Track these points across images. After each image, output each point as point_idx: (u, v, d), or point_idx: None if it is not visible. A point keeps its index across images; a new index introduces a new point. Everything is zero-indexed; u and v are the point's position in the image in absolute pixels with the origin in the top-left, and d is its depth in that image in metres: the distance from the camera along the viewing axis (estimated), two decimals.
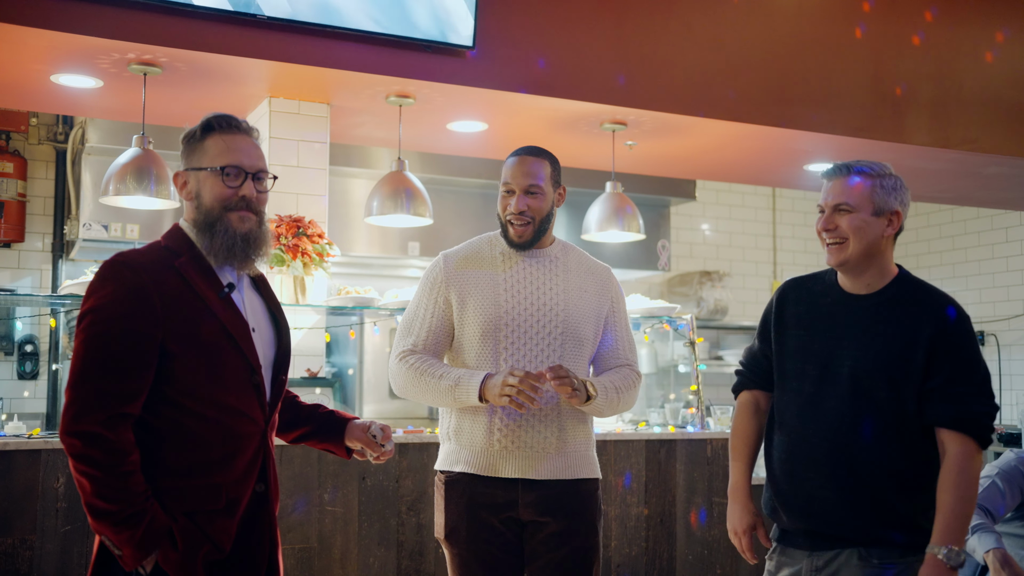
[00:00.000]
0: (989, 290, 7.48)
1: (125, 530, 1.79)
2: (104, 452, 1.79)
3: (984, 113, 5.02)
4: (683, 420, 4.62)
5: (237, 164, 1.95)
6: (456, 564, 2.50)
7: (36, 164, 5.70)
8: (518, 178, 2.50)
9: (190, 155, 1.99)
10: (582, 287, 2.56)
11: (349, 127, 4.63)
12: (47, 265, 5.68)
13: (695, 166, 5.56)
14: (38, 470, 3.23)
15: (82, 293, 3.77)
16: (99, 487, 1.79)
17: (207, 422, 1.89)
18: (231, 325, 1.92)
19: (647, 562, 4.02)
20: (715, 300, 7.11)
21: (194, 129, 2.00)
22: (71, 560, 3.24)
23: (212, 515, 1.88)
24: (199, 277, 1.92)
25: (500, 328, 2.47)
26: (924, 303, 2.17)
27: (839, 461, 2.14)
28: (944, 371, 2.10)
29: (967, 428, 2.08)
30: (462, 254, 2.57)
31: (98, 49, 3.64)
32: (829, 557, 2.16)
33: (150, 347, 1.84)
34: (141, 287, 1.85)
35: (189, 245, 1.96)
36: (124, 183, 3.87)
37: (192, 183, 1.98)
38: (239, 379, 1.92)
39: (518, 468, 2.45)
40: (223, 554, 1.88)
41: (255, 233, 1.97)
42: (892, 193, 2.18)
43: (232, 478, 1.90)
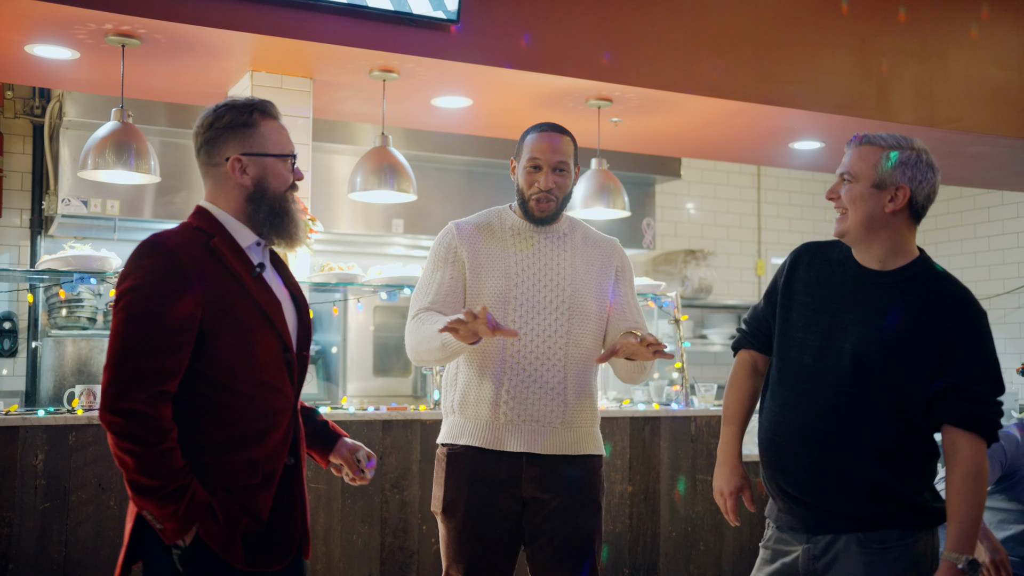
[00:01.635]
0: (971, 269, 7.53)
1: (168, 505, 1.83)
2: (146, 429, 1.82)
3: (968, 91, 5.02)
4: (667, 398, 4.62)
5: (293, 152, 2.05)
6: (450, 539, 2.47)
7: (12, 139, 5.61)
8: (547, 154, 2.47)
9: (245, 139, 1.99)
10: (588, 261, 2.55)
11: (332, 102, 4.58)
12: (25, 241, 5.61)
13: (680, 144, 5.54)
14: (16, 447, 3.19)
15: (61, 268, 3.76)
16: (142, 464, 1.82)
17: (243, 399, 1.93)
18: (265, 303, 1.96)
19: (631, 539, 4.04)
20: (700, 279, 7.11)
21: (243, 113, 2.00)
22: (50, 537, 3.21)
23: (249, 489, 1.92)
24: (233, 257, 1.96)
25: (509, 301, 2.45)
26: (945, 293, 2.08)
27: (834, 439, 2.09)
28: (963, 369, 2.03)
29: (981, 428, 2.03)
30: (473, 223, 2.55)
31: (74, 19, 3.57)
32: (827, 543, 2.11)
33: (188, 326, 1.87)
34: (179, 266, 1.88)
35: (219, 226, 1.99)
36: (103, 157, 3.81)
37: (254, 169, 2.00)
38: (273, 356, 1.96)
39: (523, 442, 2.43)
40: (260, 526, 1.93)
41: (301, 214, 2.10)
42: (901, 167, 2.08)
43: (266, 453, 1.95)
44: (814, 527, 2.13)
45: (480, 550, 2.44)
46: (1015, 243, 7.29)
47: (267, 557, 1.94)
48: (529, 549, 2.49)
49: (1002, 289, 7.31)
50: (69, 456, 3.26)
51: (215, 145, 1.99)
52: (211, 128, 2.00)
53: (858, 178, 2.11)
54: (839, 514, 2.10)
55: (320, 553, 3.54)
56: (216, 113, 2.01)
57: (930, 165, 2.12)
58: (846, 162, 2.14)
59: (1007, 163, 5.71)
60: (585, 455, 2.50)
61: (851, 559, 2.08)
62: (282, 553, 1.97)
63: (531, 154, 2.49)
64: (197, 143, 2.02)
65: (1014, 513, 2.98)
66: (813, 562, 2.13)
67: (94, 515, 3.28)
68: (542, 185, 2.47)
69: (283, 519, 1.98)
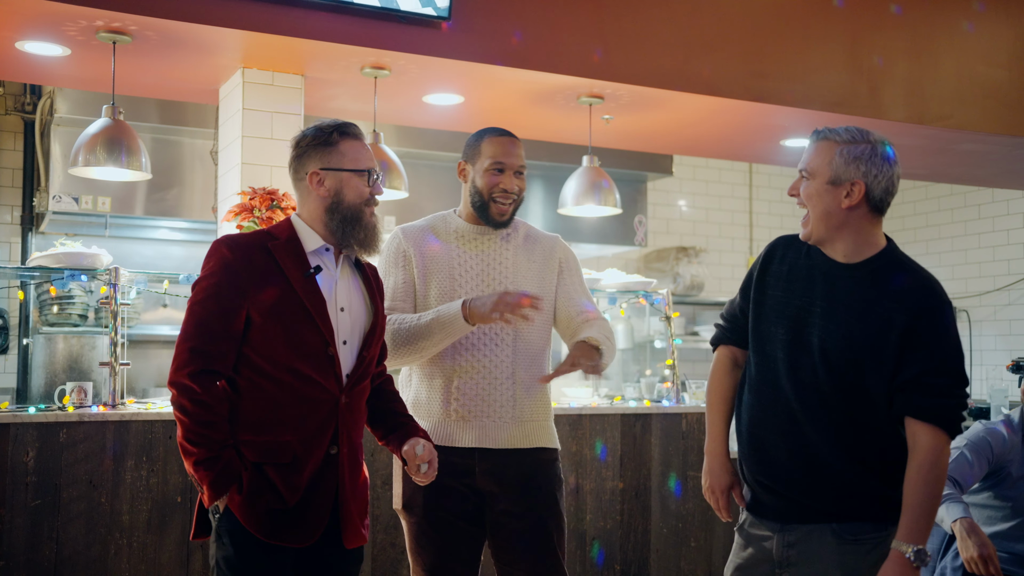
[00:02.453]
0: (962, 266, 7.56)
1: (203, 471, 2.07)
2: (191, 402, 2.07)
3: (959, 89, 5.04)
4: (659, 394, 4.64)
5: (373, 168, 2.25)
6: (413, 534, 2.51)
7: (3, 135, 5.59)
8: (511, 157, 2.55)
9: (324, 156, 2.22)
10: (530, 257, 2.61)
11: (324, 99, 4.57)
12: (16, 238, 5.60)
13: (672, 141, 5.55)
14: (7, 444, 3.19)
15: (52, 265, 3.76)
16: (186, 431, 2.08)
17: (282, 385, 2.12)
18: (309, 301, 2.14)
19: (622, 535, 4.05)
20: (691, 276, 7.13)
21: (325, 133, 2.23)
22: (41, 534, 3.21)
23: (280, 468, 2.11)
24: (288, 258, 2.17)
25: (454, 300, 2.49)
26: (906, 285, 2.08)
27: (806, 430, 2.10)
28: (920, 361, 2.03)
29: (940, 420, 2.03)
30: (417, 226, 2.64)
31: (65, 15, 3.56)
32: (802, 533, 2.12)
33: (236, 315, 2.11)
34: (232, 263, 2.13)
35: (290, 231, 2.22)
36: (94, 154, 3.81)
37: (331, 182, 2.21)
38: (314, 350, 2.14)
39: (474, 437, 2.48)
40: (286, 505, 2.10)
41: (380, 225, 2.28)
42: (855, 162, 2.06)
43: (301, 437, 2.12)
44: (788, 517, 2.14)
45: (441, 543, 2.47)
46: (1005, 240, 7.32)
47: (290, 534, 2.11)
48: (492, 544, 2.52)
49: (992, 286, 7.35)
50: (60, 453, 3.26)
51: (301, 161, 2.24)
52: (298, 147, 2.25)
53: (814, 175, 2.10)
54: (813, 507, 2.11)
55: None
56: (303, 134, 2.26)
57: (885, 159, 2.08)
58: (804, 158, 2.14)
59: (997, 160, 5.73)
60: (537, 448, 2.53)
61: (825, 549, 2.09)
62: (306, 533, 2.12)
63: (493, 156, 2.54)
64: (289, 162, 2.27)
65: (1001, 510, 3.00)
66: (787, 549, 2.14)
67: (85, 512, 3.27)
68: (507, 185, 2.53)
69: (313, 501, 2.13)
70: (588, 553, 3.98)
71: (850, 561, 2.09)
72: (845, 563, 2.09)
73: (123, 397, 3.56)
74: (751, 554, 2.21)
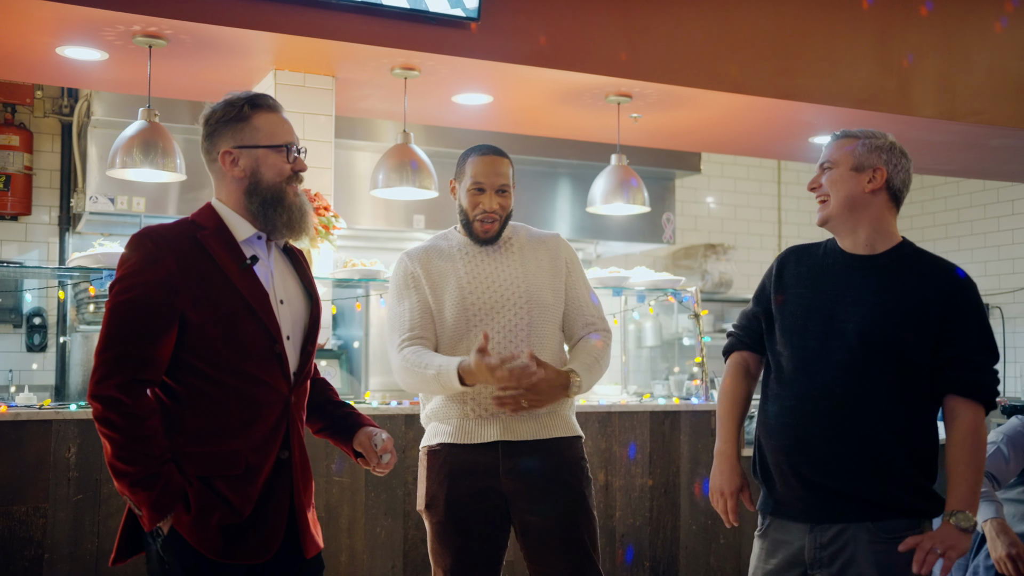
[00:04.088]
0: (994, 263, 7.48)
1: (141, 491, 1.87)
2: (121, 416, 1.85)
3: (991, 84, 5.00)
4: (687, 392, 4.65)
5: (292, 142, 2.04)
6: (435, 533, 2.51)
7: (42, 137, 5.70)
8: (490, 177, 2.54)
9: (236, 132, 2.01)
10: (536, 259, 2.61)
11: (354, 100, 4.62)
12: (54, 238, 5.71)
13: (700, 139, 5.54)
14: (49, 440, 3.27)
15: (90, 265, 3.84)
16: (117, 449, 1.86)
17: (226, 389, 1.93)
18: (250, 295, 1.95)
19: (651, 532, 4.07)
20: (720, 273, 7.12)
21: (235, 107, 2.02)
22: (83, 528, 3.29)
23: (231, 480, 1.92)
24: (221, 249, 1.97)
25: (467, 308, 2.51)
26: (933, 268, 2.18)
27: (847, 415, 2.12)
28: (960, 339, 2.11)
29: (981, 396, 2.11)
30: (422, 248, 2.63)
31: (103, 21, 3.64)
32: (835, 532, 2.12)
33: (167, 315, 1.90)
34: (160, 257, 1.91)
35: (217, 220, 2.02)
36: (131, 156, 3.88)
37: (246, 160, 2.01)
38: (259, 348, 1.96)
39: (495, 432, 2.48)
40: (241, 518, 1.92)
41: (307, 206, 2.07)
42: (876, 151, 2.20)
43: (252, 444, 1.94)
44: (820, 515, 2.15)
45: (463, 543, 2.47)
46: None
47: (246, 550, 1.93)
48: (523, 546, 2.52)
49: None
50: (100, 449, 3.33)
51: (212, 141, 2.03)
52: (207, 124, 2.04)
53: (837, 164, 2.22)
54: (851, 496, 2.12)
55: (344, 545, 3.60)
56: (212, 109, 2.04)
57: (903, 153, 2.23)
58: (825, 154, 2.26)
59: None
60: (557, 438, 2.52)
61: (859, 547, 2.10)
62: (263, 547, 1.95)
63: (473, 176, 2.55)
64: (201, 141, 2.06)
65: None
66: (820, 550, 2.14)
67: (124, 507, 3.34)
68: (486, 206, 2.54)
69: (268, 512, 1.96)
70: (618, 550, 4.00)
71: (885, 559, 2.09)
72: (880, 562, 2.09)
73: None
74: (780, 560, 2.20)
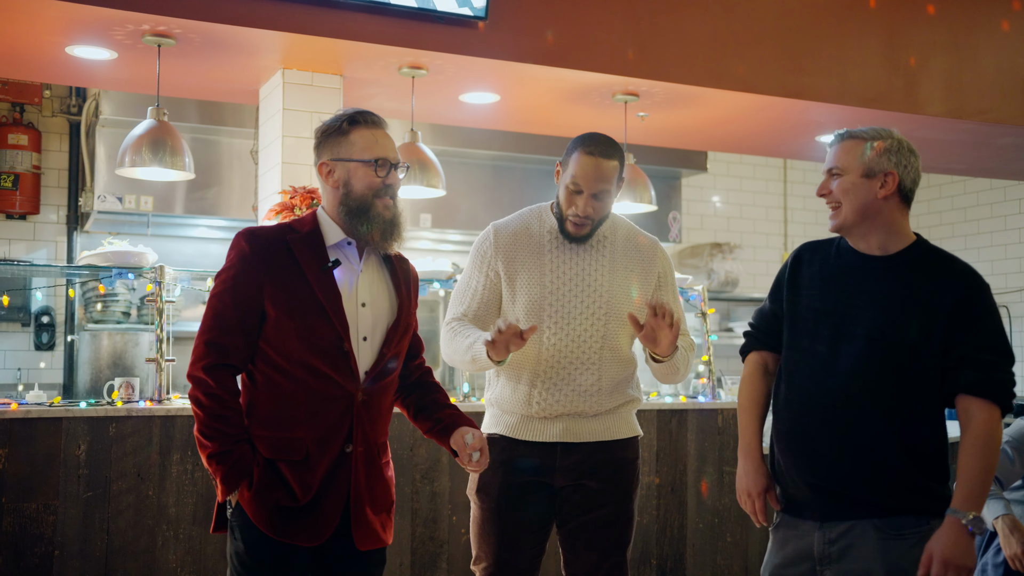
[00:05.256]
0: (1001, 261, 7.47)
1: (216, 464, 2.06)
2: (206, 395, 2.06)
3: (999, 83, 4.99)
4: (694, 390, 4.65)
5: (386, 157, 2.16)
6: (483, 519, 2.53)
7: (50, 136, 5.72)
8: (590, 181, 2.43)
9: (335, 146, 2.16)
10: (628, 266, 2.54)
11: (362, 99, 4.63)
12: (62, 237, 5.73)
13: (707, 137, 5.55)
14: (60, 437, 3.29)
15: (99, 264, 3.86)
16: (201, 425, 2.07)
17: (295, 380, 2.09)
18: (324, 295, 2.10)
19: (658, 530, 4.07)
20: (726, 272, 7.11)
21: (338, 122, 2.17)
22: (93, 525, 3.30)
23: (293, 465, 2.08)
24: (307, 251, 2.12)
25: (544, 308, 2.48)
26: (946, 269, 2.15)
27: (852, 421, 2.12)
28: (972, 338, 2.08)
29: (994, 396, 2.07)
30: (511, 227, 2.55)
31: (113, 20, 3.65)
32: (843, 529, 2.13)
33: (251, 309, 2.09)
34: (249, 256, 2.10)
35: (313, 224, 2.17)
36: (140, 155, 3.90)
37: (340, 172, 2.16)
38: (328, 345, 2.10)
39: (556, 433, 2.49)
40: (298, 503, 2.07)
41: (397, 219, 2.18)
42: (886, 154, 2.16)
43: (314, 434, 2.09)
44: (829, 514, 2.16)
45: (511, 531, 2.50)
46: None
47: (299, 532, 2.07)
48: (561, 533, 2.55)
49: None
50: (110, 447, 3.35)
51: (317, 153, 2.20)
52: (316, 137, 2.21)
53: (847, 171, 2.18)
54: (858, 499, 2.13)
55: None
56: (322, 123, 2.21)
57: (911, 150, 2.20)
58: (832, 158, 2.22)
59: None
60: (618, 440, 2.54)
61: (867, 544, 2.11)
62: (316, 532, 2.08)
63: (573, 174, 2.44)
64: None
65: None
66: (828, 546, 2.15)
67: (134, 504, 3.36)
68: (579, 211, 2.45)
69: (325, 500, 2.09)
70: None
71: (893, 556, 2.10)
72: (888, 558, 2.10)
73: (168, 392, 3.65)
74: (790, 552, 2.22)
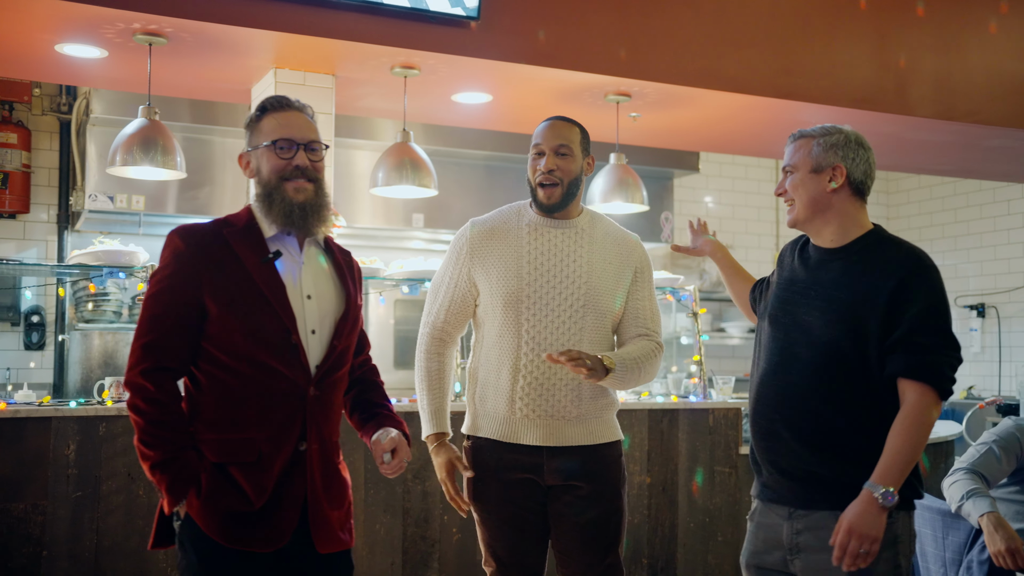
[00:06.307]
0: (990, 263, 7.50)
1: (160, 474, 1.96)
2: (145, 402, 1.96)
3: (988, 85, 5.01)
4: (685, 390, 4.66)
5: (288, 137, 2.08)
6: (486, 525, 2.55)
7: (40, 135, 5.70)
8: (549, 139, 2.53)
9: (250, 137, 2.14)
10: (606, 258, 2.55)
11: (354, 98, 4.63)
12: (52, 236, 5.71)
13: (699, 138, 5.56)
14: (48, 437, 3.27)
15: (89, 263, 3.85)
16: (141, 433, 1.97)
17: (242, 378, 2.00)
18: (266, 287, 2.02)
19: (649, 530, 4.08)
20: (718, 273, 7.12)
21: (254, 113, 2.14)
22: (82, 525, 3.29)
23: (245, 467, 1.98)
24: (244, 244, 2.05)
25: (521, 300, 2.48)
26: (889, 255, 2.18)
27: (807, 411, 2.17)
28: (905, 322, 2.09)
29: (926, 377, 2.08)
30: (488, 224, 2.58)
31: (103, 19, 3.64)
32: (809, 520, 2.17)
33: (189, 307, 2.00)
34: (184, 252, 2.02)
35: (249, 218, 2.11)
36: (131, 153, 3.89)
37: (253, 161, 2.13)
38: (275, 339, 2.01)
39: (540, 436, 2.49)
40: (252, 507, 1.98)
41: (312, 201, 2.09)
42: (832, 149, 2.23)
43: (266, 434, 2.00)
44: (794, 500, 2.21)
45: (513, 534, 2.51)
46: None
47: (256, 539, 1.97)
48: (553, 535, 2.55)
49: (1022, 282, 7.28)
50: (100, 447, 3.34)
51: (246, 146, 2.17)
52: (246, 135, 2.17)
53: (797, 168, 2.28)
54: (819, 487, 2.17)
55: None
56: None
57: (860, 144, 2.26)
58: (785, 158, 2.32)
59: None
60: (602, 443, 2.55)
61: (829, 535, 2.13)
62: (273, 537, 1.99)
63: (534, 141, 2.56)
64: None
65: None
66: (795, 536, 2.20)
67: (124, 504, 3.35)
68: (542, 167, 2.51)
69: (281, 503, 2.00)
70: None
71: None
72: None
73: None
74: (764, 540, 2.28)
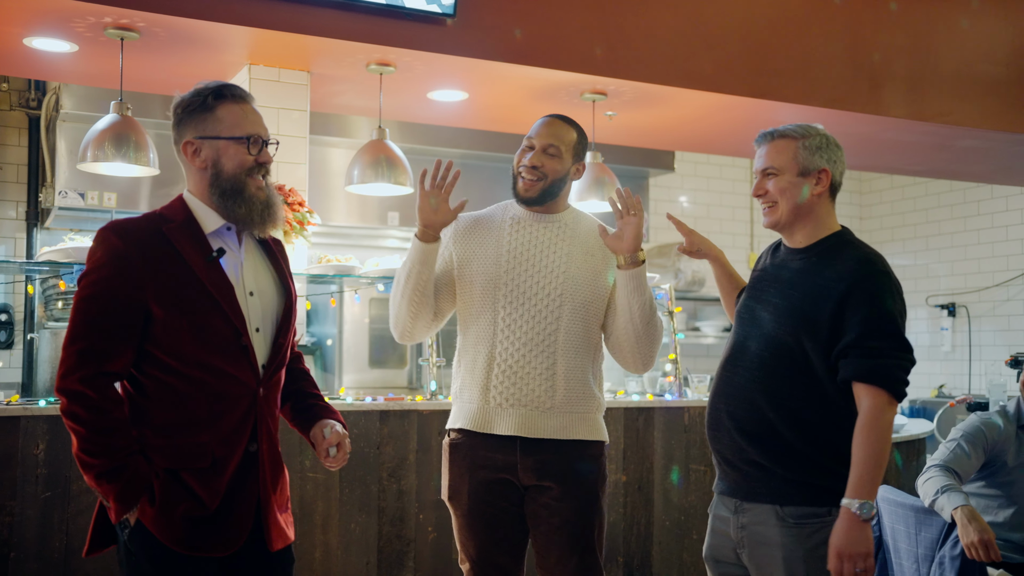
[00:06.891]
0: (961, 262, 7.59)
1: (107, 483, 1.89)
2: (86, 409, 1.88)
3: (958, 86, 5.07)
4: (661, 388, 4.68)
5: (259, 134, 2.04)
6: (460, 525, 2.53)
7: (8, 131, 5.62)
8: (541, 136, 2.53)
9: (200, 123, 2.01)
10: (588, 251, 2.55)
11: (329, 95, 4.61)
12: (21, 234, 5.63)
13: (674, 137, 5.58)
14: (17, 437, 3.22)
15: (60, 260, 3.79)
16: (83, 442, 1.89)
17: (192, 382, 1.94)
18: (215, 288, 1.95)
19: (625, 528, 4.09)
20: (693, 272, 7.16)
21: (201, 97, 2.02)
22: (51, 526, 3.25)
23: (198, 473, 1.94)
24: (187, 242, 1.97)
25: (499, 287, 2.49)
26: (844, 258, 2.19)
27: (755, 407, 2.20)
28: (855, 327, 2.10)
29: (879, 381, 2.09)
30: (474, 215, 2.63)
31: (73, 12, 3.59)
32: (752, 516, 2.21)
33: (132, 309, 1.91)
34: (124, 251, 1.92)
35: (186, 212, 2.02)
36: (103, 150, 3.84)
37: (207, 151, 2.02)
38: (225, 341, 1.96)
39: (513, 425, 2.45)
40: (207, 511, 1.94)
41: (272, 199, 2.06)
42: (817, 152, 2.23)
43: (219, 437, 1.95)
44: (738, 491, 2.24)
45: (487, 535, 2.49)
46: (1004, 236, 7.36)
47: (211, 543, 1.94)
48: (532, 536, 2.53)
49: (991, 282, 7.38)
50: (69, 446, 3.27)
51: (178, 130, 2.04)
52: (175, 114, 2.04)
53: (783, 170, 2.24)
54: (760, 478, 2.20)
55: (318, 541, 3.58)
56: (180, 98, 2.04)
57: (837, 144, 2.28)
58: (765, 159, 2.27)
59: (996, 157, 5.77)
60: (578, 440, 2.49)
61: (770, 531, 2.17)
62: (229, 540, 1.96)
63: (528, 134, 2.56)
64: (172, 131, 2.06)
65: (997, 499, 3.05)
66: (740, 531, 2.24)
67: (94, 504, 3.27)
68: (526, 161, 2.52)
69: (234, 505, 1.97)
70: None
71: (790, 544, 2.16)
72: (786, 545, 2.16)
73: None
74: (718, 536, 2.32)
